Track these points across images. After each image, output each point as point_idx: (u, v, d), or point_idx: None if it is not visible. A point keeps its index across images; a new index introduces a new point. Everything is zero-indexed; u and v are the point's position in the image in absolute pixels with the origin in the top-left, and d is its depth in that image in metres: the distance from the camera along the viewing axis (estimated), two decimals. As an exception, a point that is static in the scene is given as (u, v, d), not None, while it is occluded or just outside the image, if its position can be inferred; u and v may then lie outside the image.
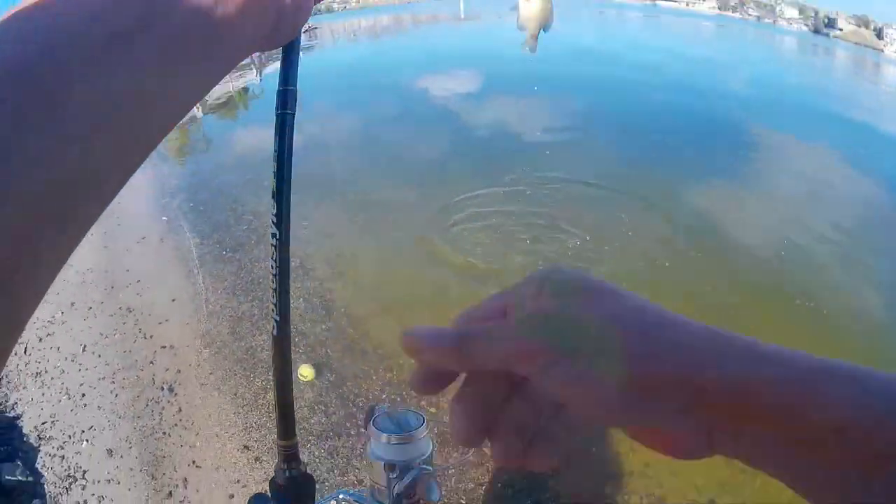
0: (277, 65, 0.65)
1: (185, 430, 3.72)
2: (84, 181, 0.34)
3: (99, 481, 3.32)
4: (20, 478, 3.25)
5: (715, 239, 6.17)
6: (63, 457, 3.50)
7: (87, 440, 3.63)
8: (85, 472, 3.38)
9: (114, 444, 3.59)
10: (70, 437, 3.66)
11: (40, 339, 4.67)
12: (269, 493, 0.78)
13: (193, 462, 3.47)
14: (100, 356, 4.43)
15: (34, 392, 4.08)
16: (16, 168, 0.30)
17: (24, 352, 4.52)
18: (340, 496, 0.85)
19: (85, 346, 4.54)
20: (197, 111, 16.47)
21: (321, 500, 0.84)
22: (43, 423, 3.78)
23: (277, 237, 0.67)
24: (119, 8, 0.35)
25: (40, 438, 3.67)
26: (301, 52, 0.68)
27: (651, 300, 0.36)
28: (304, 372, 4.13)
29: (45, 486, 3.30)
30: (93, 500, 3.21)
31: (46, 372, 4.28)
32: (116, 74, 0.34)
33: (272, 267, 0.71)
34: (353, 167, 8.80)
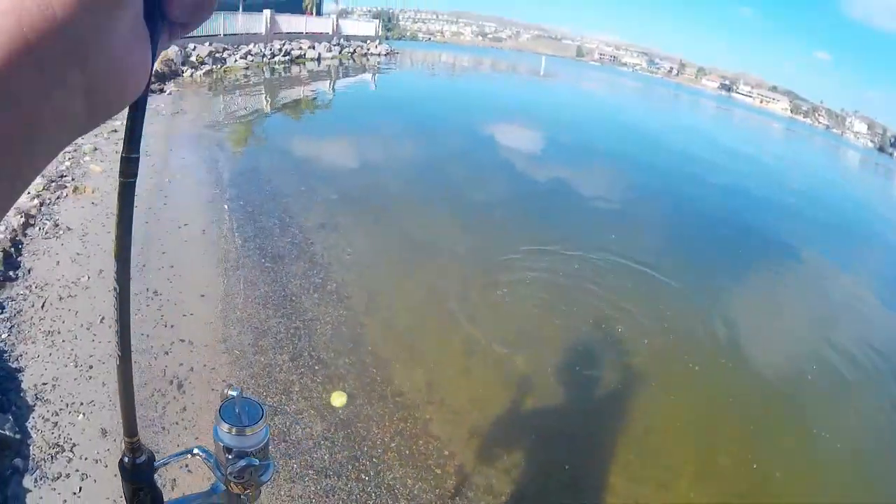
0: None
1: (185, 431, 3.55)
2: None
3: (86, 458, 3.13)
4: (8, 433, 3.08)
5: (749, 349, 6.01)
6: (56, 423, 3.34)
7: (84, 414, 3.47)
8: (74, 445, 3.21)
9: (110, 425, 3.41)
10: (68, 405, 3.51)
11: (60, 298, 4.58)
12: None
13: (186, 466, 3.29)
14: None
15: (42, 350, 3.95)
16: None
17: (42, 306, 4.43)
18: (195, 450, 0.97)
19: (103, 318, 4.42)
20: (261, 102, 16.98)
21: (183, 450, 0.97)
22: (44, 384, 3.63)
23: (118, 291, 0.68)
24: None
25: (37, 398, 3.51)
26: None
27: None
28: (337, 398, 4.06)
29: (31, 448, 3.13)
30: (75, 475, 3.02)
31: (59, 333, 4.16)
32: None
33: (114, 314, 0.72)
34: (410, 200, 8.94)
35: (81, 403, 3.54)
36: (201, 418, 3.67)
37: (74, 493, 2.92)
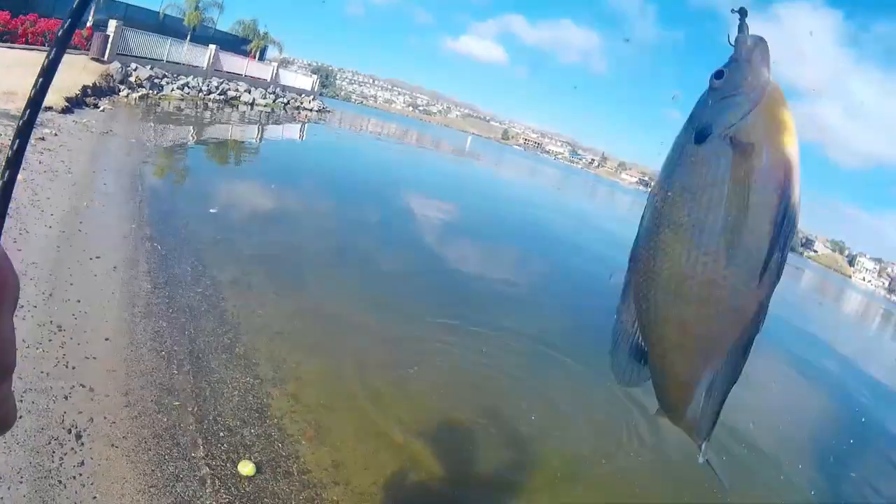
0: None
1: (82, 489, 3.47)
2: None
3: (-22, 507, 3.06)
4: None
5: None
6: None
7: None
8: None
9: (4, 471, 3.34)
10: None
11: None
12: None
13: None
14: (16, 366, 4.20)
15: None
16: None
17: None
18: None
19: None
20: (191, 137, 16.82)
21: None
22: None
23: None
24: None
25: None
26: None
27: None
28: (244, 467, 4.10)
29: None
30: (-37, 526, 2.95)
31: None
32: None
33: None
34: (324, 265, 9.10)
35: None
36: (99, 477, 3.62)
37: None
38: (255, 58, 40.96)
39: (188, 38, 30.09)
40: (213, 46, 31.54)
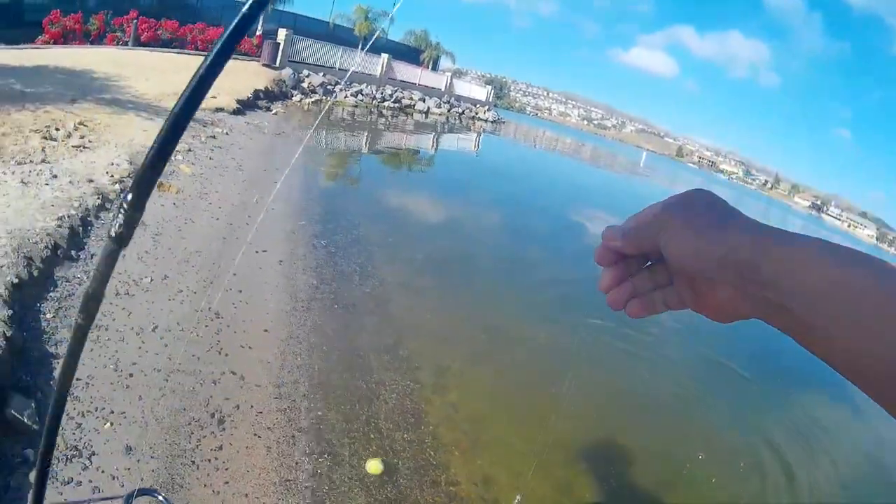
0: None
1: (216, 472, 3.38)
2: None
3: (103, 471, 3.00)
4: (26, 420, 3.01)
5: None
6: (80, 425, 3.23)
7: (111, 423, 3.37)
8: (93, 454, 3.09)
9: (136, 443, 3.31)
10: (97, 409, 3.41)
11: (117, 294, 4.59)
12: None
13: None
14: (166, 345, 4.25)
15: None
16: None
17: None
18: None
19: (156, 327, 4.39)
20: (364, 143, 17.67)
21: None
22: (77, 379, 3.58)
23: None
24: None
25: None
26: None
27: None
28: (373, 466, 3.89)
29: (47, 446, 3.05)
30: (87, 485, 2.88)
31: (106, 330, 4.13)
32: None
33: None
34: (499, 281, 8.87)
35: (112, 412, 3.45)
36: (236, 463, 3.51)
37: (80, 505, 2.79)
38: (427, 67, 42.41)
39: (360, 47, 31.81)
40: (385, 55, 33.15)
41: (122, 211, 0.57)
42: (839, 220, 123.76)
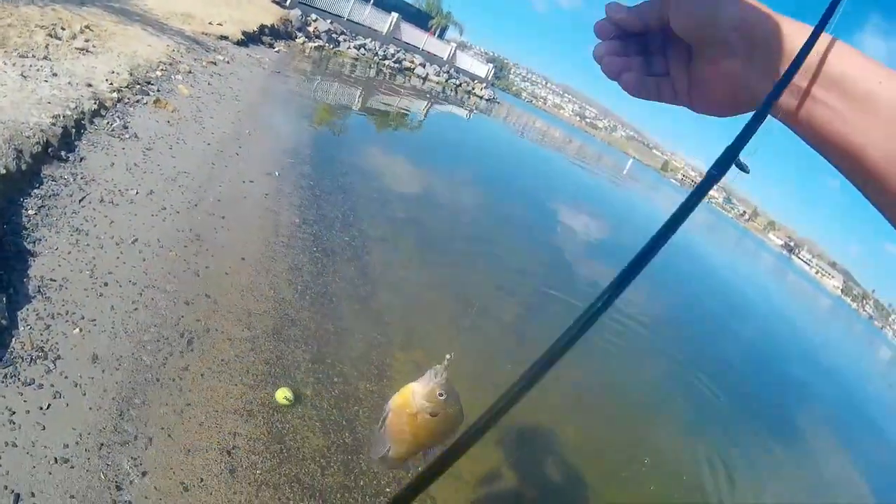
0: None
1: (179, 392, 3.33)
2: None
3: (66, 377, 2.95)
4: (-5, 316, 2.97)
5: None
6: (49, 327, 3.17)
7: (80, 329, 3.32)
8: (59, 357, 3.02)
9: (103, 353, 3.25)
10: (67, 313, 3.34)
11: (101, 201, 4.48)
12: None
13: (165, 429, 3.09)
14: (144, 259, 4.17)
15: (63, 244, 3.83)
16: None
17: (80, 200, 4.34)
18: None
19: (136, 240, 4.30)
20: (359, 95, 17.44)
21: None
22: (51, 280, 3.49)
23: None
24: None
25: (39, 292, 3.37)
26: None
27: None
28: (282, 394, 3.77)
29: (13, 341, 2.99)
30: (49, 388, 2.82)
31: (87, 235, 4.04)
32: None
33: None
34: (480, 252, 8.89)
35: (82, 318, 3.38)
36: (199, 385, 3.48)
37: (40, 408, 2.72)
38: (434, 34, 41.69)
39: (370, 1, 31.12)
40: (395, 14, 32.57)
41: None
42: (808, 265, 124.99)
